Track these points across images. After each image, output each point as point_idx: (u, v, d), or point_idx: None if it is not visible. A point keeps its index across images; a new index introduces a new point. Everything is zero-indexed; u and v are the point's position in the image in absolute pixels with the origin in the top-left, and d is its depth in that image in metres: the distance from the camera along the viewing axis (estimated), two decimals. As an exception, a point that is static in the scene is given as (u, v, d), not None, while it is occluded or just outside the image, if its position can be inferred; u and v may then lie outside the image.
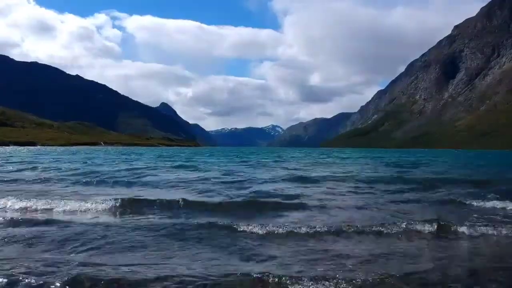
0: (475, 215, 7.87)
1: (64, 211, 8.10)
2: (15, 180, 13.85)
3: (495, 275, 4.37)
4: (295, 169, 22.88)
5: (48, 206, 8.40)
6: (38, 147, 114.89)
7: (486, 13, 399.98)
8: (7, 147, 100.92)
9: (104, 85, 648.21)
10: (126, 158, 37.21)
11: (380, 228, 6.47)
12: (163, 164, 26.09)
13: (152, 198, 9.61)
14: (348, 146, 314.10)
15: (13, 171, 18.26)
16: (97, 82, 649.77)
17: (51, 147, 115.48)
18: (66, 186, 12.56)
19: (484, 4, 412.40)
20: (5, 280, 3.98)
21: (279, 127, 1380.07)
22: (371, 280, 4.11)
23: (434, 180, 15.52)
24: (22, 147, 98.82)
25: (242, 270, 4.37)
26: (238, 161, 32.86)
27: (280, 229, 6.28)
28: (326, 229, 6.35)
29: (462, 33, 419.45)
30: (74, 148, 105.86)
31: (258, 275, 4.15)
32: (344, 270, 4.48)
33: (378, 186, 13.43)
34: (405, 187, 13.22)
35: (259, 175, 17.54)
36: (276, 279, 4.07)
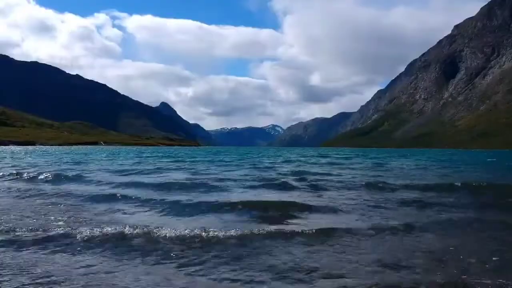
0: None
1: None
2: None
3: None
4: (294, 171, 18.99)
5: None
6: (36, 147, 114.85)
7: (486, 12, 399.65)
8: (5, 146, 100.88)
9: (104, 85, 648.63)
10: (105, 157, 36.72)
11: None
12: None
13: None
14: (348, 146, 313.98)
15: None
16: (97, 82, 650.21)
17: (50, 146, 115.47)
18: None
19: (484, 4, 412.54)
20: None
21: (279, 127, 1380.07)
22: None
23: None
24: (19, 147, 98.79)
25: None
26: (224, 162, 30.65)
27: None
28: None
29: (462, 33, 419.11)
30: (69, 148, 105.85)
31: None
32: None
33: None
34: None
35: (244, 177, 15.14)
36: None
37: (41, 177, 13.94)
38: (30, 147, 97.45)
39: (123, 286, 3.84)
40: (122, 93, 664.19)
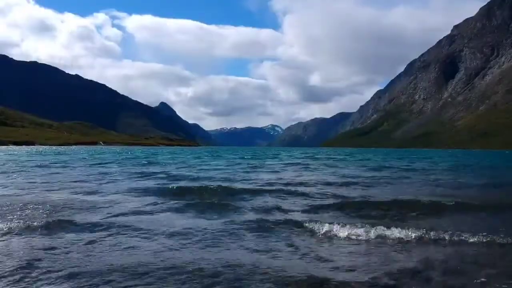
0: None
1: None
2: None
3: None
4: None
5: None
6: (35, 146, 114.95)
7: (485, 13, 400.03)
8: (4, 146, 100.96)
9: (104, 85, 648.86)
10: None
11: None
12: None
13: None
14: (348, 146, 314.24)
15: None
16: (96, 82, 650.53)
17: (49, 146, 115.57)
18: None
19: (483, 4, 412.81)
20: None
21: (278, 127, 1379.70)
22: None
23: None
24: (17, 147, 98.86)
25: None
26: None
27: None
28: None
29: (461, 33, 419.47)
30: (61, 148, 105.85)
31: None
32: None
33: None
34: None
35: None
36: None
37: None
38: (31, 147, 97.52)
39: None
40: (121, 93, 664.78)
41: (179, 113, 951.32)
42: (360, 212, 8.22)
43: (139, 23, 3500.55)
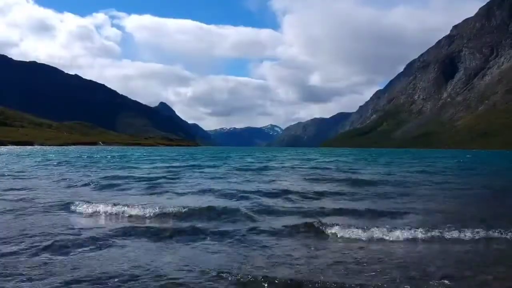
0: None
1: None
2: None
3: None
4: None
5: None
6: (34, 147, 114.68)
7: (485, 13, 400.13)
8: (4, 147, 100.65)
9: (103, 85, 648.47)
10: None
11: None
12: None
13: None
14: (348, 146, 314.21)
15: None
16: (96, 82, 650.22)
17: (48, 147, 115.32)
18: None
19: (483, 4, 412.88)
20: None
21: (278, 127, 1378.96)
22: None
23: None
24: (18, 147, 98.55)
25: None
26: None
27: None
28: None
29: (461, 33, 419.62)
30: (56, 148, 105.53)
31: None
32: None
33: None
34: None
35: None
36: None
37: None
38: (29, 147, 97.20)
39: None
40: (121, 93, 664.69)
41: (178, 113, 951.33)
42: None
43: (138, 23, 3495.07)
